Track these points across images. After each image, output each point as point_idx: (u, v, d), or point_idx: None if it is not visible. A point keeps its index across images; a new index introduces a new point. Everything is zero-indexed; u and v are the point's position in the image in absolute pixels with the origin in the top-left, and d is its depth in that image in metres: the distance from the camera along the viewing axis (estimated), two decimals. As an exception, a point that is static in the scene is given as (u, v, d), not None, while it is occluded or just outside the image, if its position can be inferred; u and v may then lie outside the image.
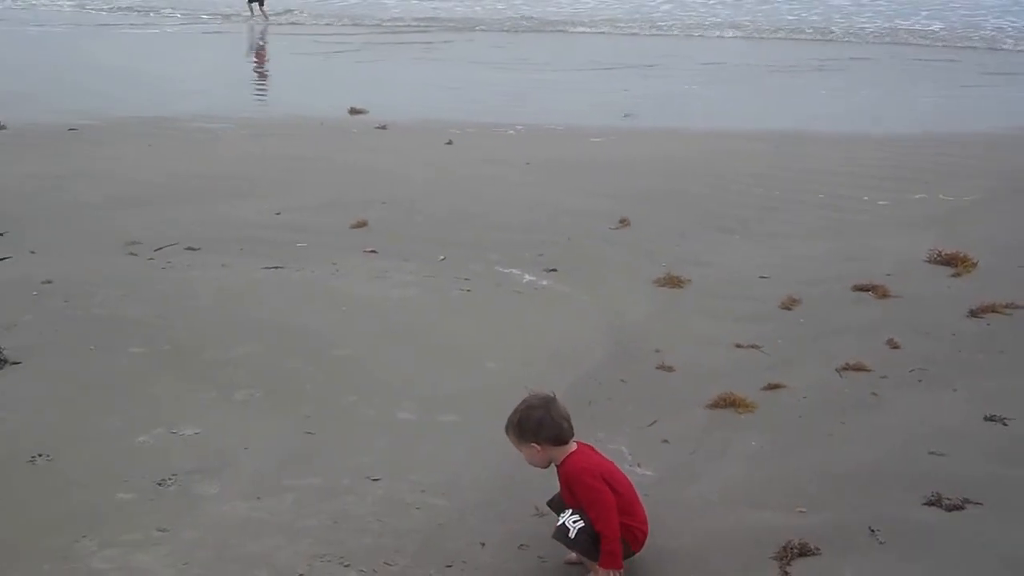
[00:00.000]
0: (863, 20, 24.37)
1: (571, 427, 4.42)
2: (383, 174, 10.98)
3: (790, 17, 25.33)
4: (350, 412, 5.73)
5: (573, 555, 4.40)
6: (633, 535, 4.35)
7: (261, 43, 22.30)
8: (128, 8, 27.77)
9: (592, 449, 4.51)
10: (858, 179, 10.80)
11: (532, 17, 26.39)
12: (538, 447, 4.39)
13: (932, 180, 10.76)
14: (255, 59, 20.54)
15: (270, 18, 26.01)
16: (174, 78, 17.57)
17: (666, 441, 5.48)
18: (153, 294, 7.52)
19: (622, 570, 4.25)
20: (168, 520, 4.71)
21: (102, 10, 27.96)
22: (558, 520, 4.35)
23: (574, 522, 4.28)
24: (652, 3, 23.75)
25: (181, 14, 27.25)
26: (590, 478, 4.30)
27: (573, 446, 4.43)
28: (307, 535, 4.62)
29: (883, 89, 16.39)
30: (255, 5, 26.16)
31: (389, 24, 24.24)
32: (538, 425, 4.37)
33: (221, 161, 11.60)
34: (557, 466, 4.44)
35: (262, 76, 18.43)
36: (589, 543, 4.25)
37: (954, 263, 8.12)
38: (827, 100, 15.67)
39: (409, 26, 23.90)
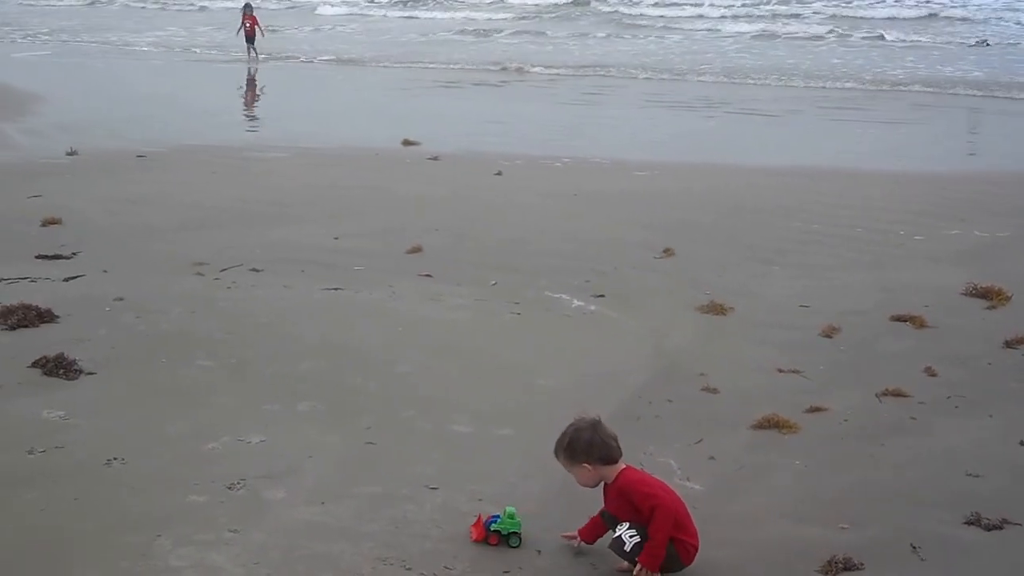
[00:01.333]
0: (902, 66, 24.26)
1: (619, 446, 4.49)
2: (436, 203, 11.12)
3: (835, 60, 25.25)
4: (408, 425, 5.81)
5: (625, 564, 4.45)
6: (685, 548, 4.39)
7: (252, 79, 22.37)
8: (202, 46, 28.25)
9: (635, 471, 4.57)
10: (894, 214, 10.78)
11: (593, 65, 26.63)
12: (589, 467, 4.47)
13: (967, 216, 10.72)
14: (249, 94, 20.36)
15: (260, 59, 25.85)
16: (236, 108, 17.89)
17: (712, 458, 5.52)
18: (219, 312, 7.66)
19: (657, 574, 4.29)
20: (238, 522, 4.80)
21: (191, 48, 28.46)
22: (614, 532, 4.40)
23: (631, 536, 4.35)
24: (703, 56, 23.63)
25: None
26: (648, 485, 4.38)
27: (622, 465, 4.50)
28: (370, 539, 4.70)
29: (916, 127, 16.35)
30: (250, 47, 26.03)
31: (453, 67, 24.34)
32: (588, 445, 4.45)
33: (281, 188, 11.79)
34: (608, 484, 4.50)
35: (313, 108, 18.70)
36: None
37: (989, 296, 8.09)
38: (862, 137, 15.64)
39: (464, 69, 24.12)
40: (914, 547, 4.56)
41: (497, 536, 4.63)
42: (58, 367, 6.35)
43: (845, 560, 4.42)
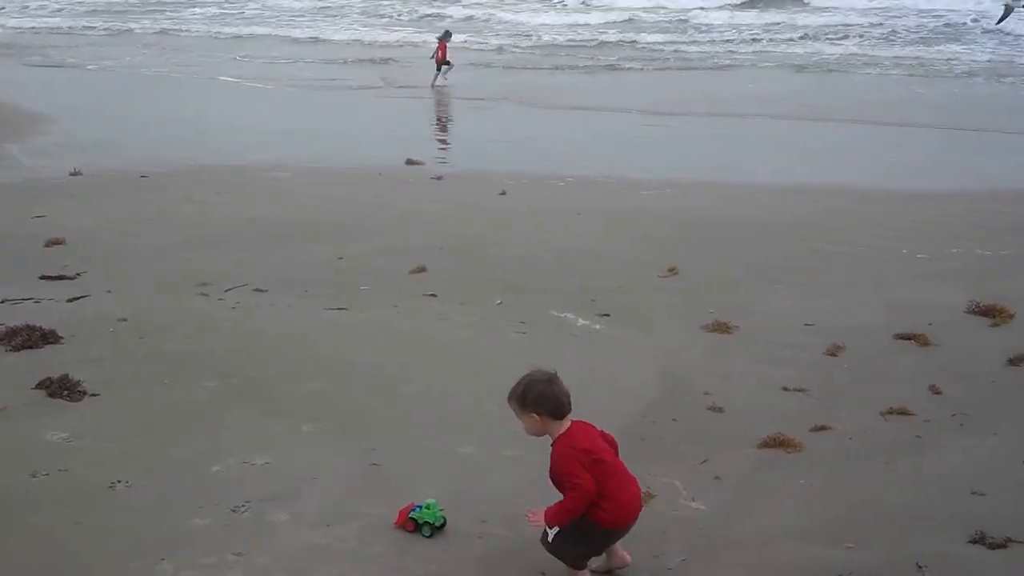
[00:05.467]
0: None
1: (569, 404, 4.60)
2: (440, 222, 11.14)
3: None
4: (414, 445, 5.81)
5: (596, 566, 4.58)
6: (611, 519, 4.45)
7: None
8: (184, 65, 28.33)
9: (586, 427, 4.65)
10: (896, 232, 10.79)
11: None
12: (537, 417, 4.57)
13: (968, 234, 10.73)
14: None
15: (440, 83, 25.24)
16: (240, 129, 17.94)
17: (718, 478, 5.51)
18: (223, 332, 7.66)
19: (552, 526, 4.43)
20: (242, 545, 4.80)
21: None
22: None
23: (553, 529, 4.46)
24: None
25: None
26: (572, 466, 4.44)
27: (568, 423, 4.59)
28: (374, 561, 4.70)
29: (921, 147, 16.37)
30: (439, 73, 25.31)
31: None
32: (540, 396, 4.57)
33: (285, 208, 11.81)
34: (552, 442, 4.59)
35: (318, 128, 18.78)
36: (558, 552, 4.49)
37: (992, 314, 8.10)
38: (866, 157, 15.66)
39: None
40: (919, 566, 4.56)
41: (413, 524, 4.83)
42: (62, 388, 6.35)
43: (851, 579, 4.42)
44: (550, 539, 4.50)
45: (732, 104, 20.75)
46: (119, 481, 5.35)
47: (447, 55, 24.81)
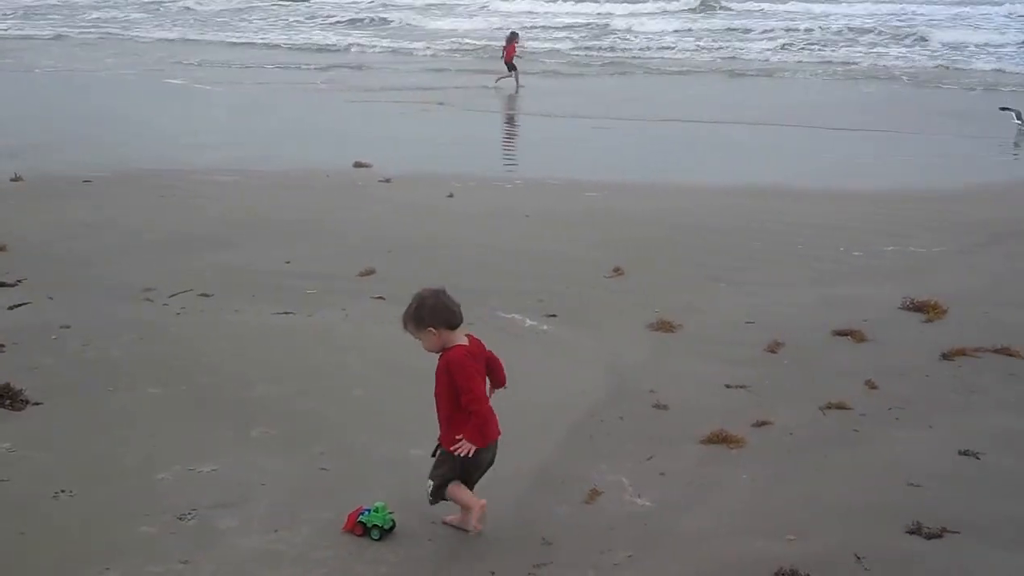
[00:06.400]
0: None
1: (461, 314, 4.82)
2: (388, 225, 11.06)
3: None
4: (363, 449, 5.77)
5: (451, 517, 4.88)
6: (490, 430, 4.78)
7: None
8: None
9: (479, 341, 4.89)
10: (833, 231, 10.92)
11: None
12: (435, 331, 4.74)
13: (902, 233, 10.89)
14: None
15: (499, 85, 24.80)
16: (185, 132, 17.68)
17: (663, 474, 5.54)
18: (168, 338, 7.56)
19: (476, 448, 4.71)
20: (189, 552, 4.74)
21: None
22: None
23: (428, 484, 4.85)
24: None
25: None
26: (473, 376, 4.71)
27: (463, 336, 4.78)
28: (323, 566, 4.66)
29: (853, 149, 16.60)
30: (515, 74, 24.77)
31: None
32: (433, 310, 4.76)
33: (232, 211, 11.65)
34: (443, 352, 4.77)
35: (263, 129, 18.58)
36: (435, 498, 4.84)
37: (925, 310, 8.23)
38: (801, 159, 15.85)
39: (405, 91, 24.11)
40: (858, 557, 4.62)
41: (362, 527, 4.83)
42: (4, 397, 6.22)
43: (792, 572, 4.47)
44: (429, 492, 4.82)
45: (671, 108, 20.92)
46: (63, 491, 5.26)
47: (514, 56, 24.72)
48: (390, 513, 4.87)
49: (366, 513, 4.86)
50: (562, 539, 4.86)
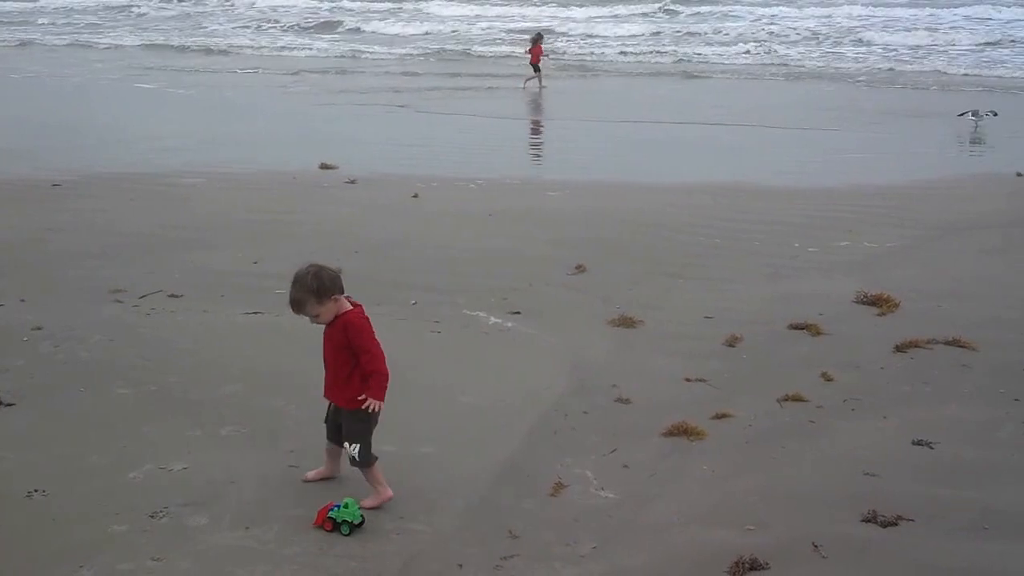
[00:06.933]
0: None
1: None
2: (354, 225, 11.03)
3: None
4: (331, 446, 5.76)
5: (311, 473, 5.20)
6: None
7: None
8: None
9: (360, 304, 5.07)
10: (789, 228, 11.02)
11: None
12: (335, 299, 4.94)
13: (856, 229, 11.01)
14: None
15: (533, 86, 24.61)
16: (153, 135, 17.50)
17: (626, 466, 5.58)
18: (139, 339, 7.50)
19: (381, 404, 4.92)
20: (161, 550, 4.73)
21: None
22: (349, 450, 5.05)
23: (353, 448, 5.02)
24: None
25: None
26: (373, 334, 4.96)
27: (347, 303, 4.97)
28: (294, 561, 4.66)
29: (808, 148, 16.75)
30: (539, 75, 24.71)
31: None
32: (332, 280, 4.95)
33: (200, 213, 11.57)
34: (337, 316, 4.95)
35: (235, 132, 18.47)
36: (367, 458, 5.02)
37: (879, 303, 8.33)
38: (759, 156, 15.97)
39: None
40: (816, 545, 4.67)
41: (332, 523, 4.84)
42: (-24, 399, 6.15)
43: (751, 561, 4.52)
44: (357, 455, 4.93)
45: (631, 109, 20.99)
46: (36, 490, 5.23)
47: (540, 58, 24.73)
48: (359, 508, 4.88)
49: (336, 509, 4.86)
50: (529, 532, 4.89)
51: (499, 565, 4.60)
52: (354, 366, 4.97)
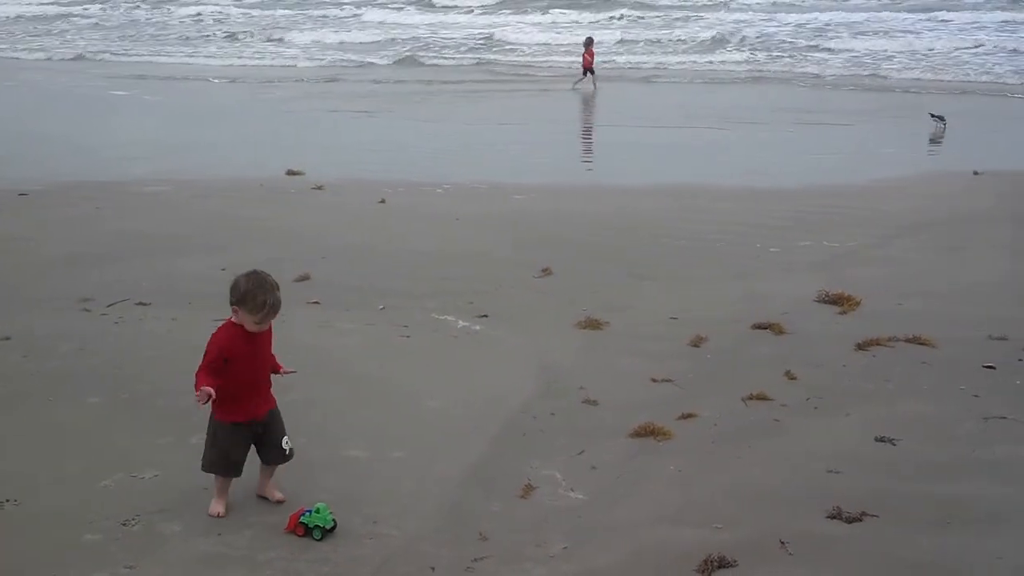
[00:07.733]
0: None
1: None
2: (322, 231, 10.98)
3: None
4: (302, 452, 5.67)
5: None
6: (242, 409, 5.16)
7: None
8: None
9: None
10: (750, 228, 11.09)
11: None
12: None
13: (816, 229, 11.10)
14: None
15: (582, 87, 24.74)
16: (119, 143, 17.32)
17: (594, 467, 5.59)
18: (108, 347, 7.43)
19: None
20: (134, 558, 4.68)
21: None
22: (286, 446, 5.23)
23: (287, 442, 5.21)
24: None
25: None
26: (215, 346, 5.23)
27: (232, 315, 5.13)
28: (268, 567, 4.63)
29: (772, 148, 16.89)
30: (587, 76, 24.62)
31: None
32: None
33: (167, 221, 11.47)
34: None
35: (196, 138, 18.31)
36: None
37: (840, 302, 8.40)
38: (722, 158, 16.08)
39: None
40: (782, 542, 4.71)
41: (304, 528, 4.81)
42: (-57, 411, 6.06)
43: (720, 559, 4.54)
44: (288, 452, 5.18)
45: (595, 113, 21.07)
46: (7, 500, 5.16)
47: (592, 62, 25.05)
48: (331, 513, 4.86)
49: (307, 514, 4.83)
50: (499, 533, 4.89)
51: (470, 567, 4.60)
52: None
